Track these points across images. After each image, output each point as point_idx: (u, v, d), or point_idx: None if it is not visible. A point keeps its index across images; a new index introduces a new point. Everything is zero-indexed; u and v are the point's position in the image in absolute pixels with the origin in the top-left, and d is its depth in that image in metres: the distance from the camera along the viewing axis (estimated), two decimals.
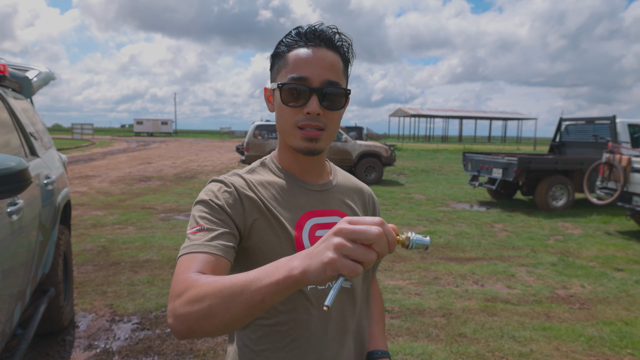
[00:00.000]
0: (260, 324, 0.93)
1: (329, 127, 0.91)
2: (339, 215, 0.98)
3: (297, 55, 0.89)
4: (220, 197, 0.89)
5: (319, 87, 0.88)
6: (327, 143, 0.93)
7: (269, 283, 0.63)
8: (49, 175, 2.92)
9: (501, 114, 58.76)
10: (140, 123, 58.41)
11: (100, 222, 6.69)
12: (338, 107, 0.91)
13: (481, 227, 7.00)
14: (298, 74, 0.88)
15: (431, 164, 19.02)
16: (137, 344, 3.03)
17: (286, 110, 0.90)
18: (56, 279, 2.90)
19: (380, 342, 1.07)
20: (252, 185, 0.94)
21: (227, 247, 0.82)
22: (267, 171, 0.99)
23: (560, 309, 3.80)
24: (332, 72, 0.89)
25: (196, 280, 0.70)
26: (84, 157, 19.45)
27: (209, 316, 0.66)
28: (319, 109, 0.88)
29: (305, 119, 0.89)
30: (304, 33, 0.91)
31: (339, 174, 1.07)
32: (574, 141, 9.88)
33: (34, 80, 3.65)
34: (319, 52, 0.89)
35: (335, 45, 0.91)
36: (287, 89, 0.89)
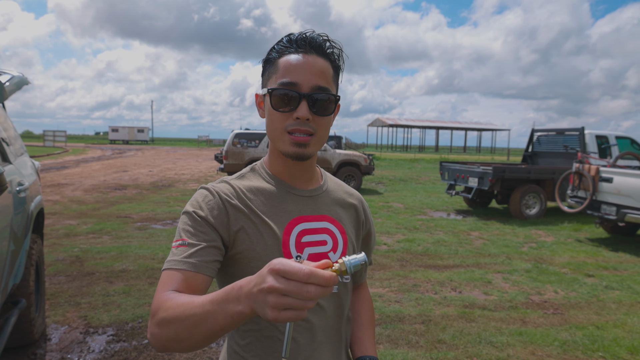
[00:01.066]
0: (249, 329, 0.93)
1: (319, 132, 0.92)
2: (328, 220, 0.99)
3: (288, 61, 0.90)
4: (205, 208, 0.90)
5: (309, 92, 0.89)
6: (316, 148, 0.93)
7: (224, 316, 0.66)
8: (21, 182, 2.84)
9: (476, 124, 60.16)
10: (116, 130, 57.26)
11: (74, 232, 6.50)
12: (327, 112, 0.92)
13: (458, 235, 7.12)
14: (288, 79, 0.89)
15: (409, 173, 19.27)
16: (112, 356, 2.95)
17: (276, 115, 0.91)
18: (27, 290, 2.81)
19: (369, 347, 1.06)
20: (239, 192, 0.94)
21: (207, 263, 0.85)
22: (257, 177, 1.00)
23: (535, 314, 3.89)
24: (322, 78, 0.90)
25: (166, 301, 0.76)
26: (56, 164, 18.90)
27: (176, 340, 0.72)
28: (308, 114, 0.88)
29: (294, 124, 0.89)
30: (294, 40, 0.92)
31: (329, 179, 1.08)
32: (545, 151, 10.20)
33: (7, 84, 3.55)
34: (309, 58, 0.90)
35: (325, 52, 0.92)
36: (277, 94, 0.90)
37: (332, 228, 0.98)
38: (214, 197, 0.92)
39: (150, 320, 0.77)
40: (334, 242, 0.98)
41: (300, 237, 0.94)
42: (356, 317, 1.11)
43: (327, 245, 0.97)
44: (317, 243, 0.96)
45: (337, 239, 0.98)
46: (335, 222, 1.00)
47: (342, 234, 0.99)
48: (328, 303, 0.96)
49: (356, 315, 1.11)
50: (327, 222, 0.98)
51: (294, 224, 0.95)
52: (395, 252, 5.89)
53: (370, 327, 1.10)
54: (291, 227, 0.94)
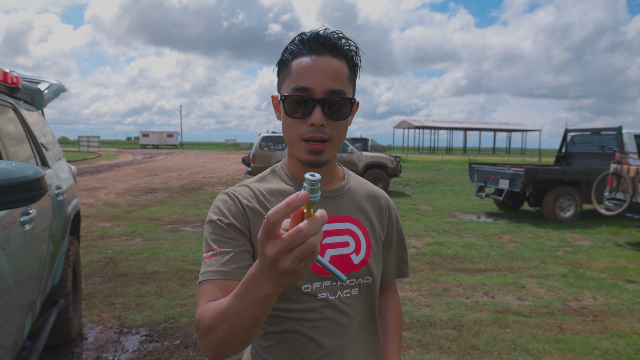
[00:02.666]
0: (270, 331, 0.93)
1: (334, 137, 0.89)
2: (350, 221, 0.96)
3: (300, 64, 0.87)
4: (227, 214, 0.90)
5: (323, 97, 0.86)
6: (332, 154, 0.91)
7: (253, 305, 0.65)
8: (59, 186, 2.93)
9: (505, 125, 58.75)
10: (146, 135, 58.85)
11: (108, 234, 6.69)
12: (343, 116, 0.88)
13: (489, 238, 6.95)
14: (301, 85, 0.86)
15: (437, 175, 18.98)
16: (145, 356, 3.00)
17: (291, 121, 0.89)
18: (65, 290, 2.90)
19: (394, 355, 1.04)
20: (259, 195, 0.94)
21: (241, 269, 0.85)
22: (277, 179, 0.99)
23: (573, 321, 3.74)
24: (336, 81, 0.86)
25: (203, 312, 0.77)
26: (90, 169, 19.57)
27: (222, 344, 0.73)
28: (323, 119, 0.86)
29: (309, 131, 0.87)
30: (307, 40, 0.88)
31: (353, 179, 1.05)
32: (580, 152, 9.84)
33: (46, 92, 3.69)
34: (322, 60, 0.86)
35: (340, 51, 0.88)
36: (291, 100, 0.87)
37: (354, 229, 0.96)
38: (234, 202, 0.92)
39: (198, 333, 0.78)
40: (357, 244, 0.95)
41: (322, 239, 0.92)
42: (382, 322, 1.08)
43: (349, 247, 0.94)
44: (338, 245, 0.93)
45: (360, 240, 0.96)
46: (358, 222, 0.97)
47: (364, 235, 0.97)
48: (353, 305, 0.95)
49: (382, 320, 1.09)
50: (349, 223, 0.96)
51: None
52: (424, 255, 5.79)
53: (396, 334, 1.07)
54: None
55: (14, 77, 2.82)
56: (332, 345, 0.91)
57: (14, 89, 2.78)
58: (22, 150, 2.53)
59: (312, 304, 0.91)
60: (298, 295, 0.91)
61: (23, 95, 3.06)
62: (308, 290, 0.90)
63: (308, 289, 0.90)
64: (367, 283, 0.97)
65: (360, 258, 0.95)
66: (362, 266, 0.95)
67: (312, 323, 0.91)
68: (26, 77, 3.71)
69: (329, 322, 0.91)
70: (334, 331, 0.92)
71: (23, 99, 3.07)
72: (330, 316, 0.92)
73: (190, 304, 3.91)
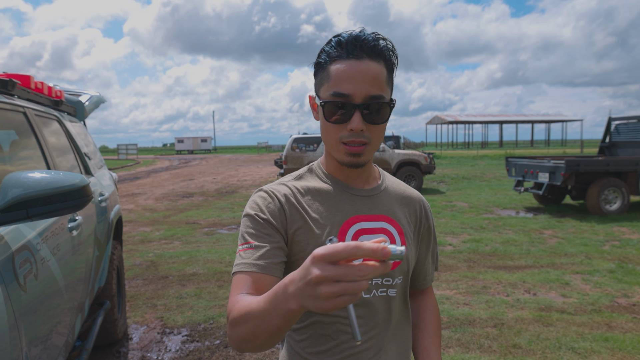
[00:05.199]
0: (303, 325, 0.95)
1: (373, 140, 0.90)
2: (386, 220, 0.97)
3: (339, 69, 0.87)
4: (265, 210, 0.91)
5: (362, 103, 0.86)
6: (370, 155, 0.93)
7: (277, 316, 0.66)
8: (102, 193, 3.07)
9: (544, 116, 56.68)
10: (181, 141, 60.52)
11: (148, 238, 6.93)
12: (382, 120, 0.89)
13: (529, 234, 6.72)
14: (340, 90, 0.86)
15: (472, 171, 18.53)
16: (187, 356, 3.09)
17: (330, 126, 0.89)
18: (111, 292, 3.03)
19: (435, 356, 1.03)
20: (296, 193, 0.95)
21: (274, 264, 0.87)
22: (314, 177, 1.00)
23: (622, 318, 3.57)
24: (375, 86, 0.86)
25: (235, 304, 0.79)
26: (129, 176, 20.32)
27: (245, 341, 0.75)
28: (362, 125, 0.86)
29: (349, 136, 0.88)
30: (345, 43, 0.87)
31: (388, 179, 1.06)
32: (626, 141, 9.36)
33: (87, 104, 3.87)
34: (360, 65, 0.86)
35: (378, 54, 0.87)
36: (330, 105, 0.88)
37: (390, 228, 0.96)
38: (272, 200, 0.93)
39: (227, 321, 0.81)
40: (392, 243, 0.95)
41: (357, 237, 0.93)
42: (420, 324, 1.08)
43: None
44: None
45: (395, 240, 0.96)
46: (393, 221, 0.97)
47: (400, 235, 0.97)
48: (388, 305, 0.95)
49: (420, 322, 1.08)
50: (385, 222, 0.96)
51: (350, 224, 0.94)
52: (461, 253, 5.67)
53: (435, 335, 1.07)
54: (347, 227, 0.93)
55: (57, 91, 2.98)
56: (365, 343, 0.92)
57: (58, 102, 2.94)
58: (66, 160, 2.66)
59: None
60: None
61: (66, 107, 3.23)
62: None
63: None
64: (399, 283, 0.98)
65: None
66: (397, 265, 0.96)
67: (345, 320, 0.92)
68: (68, 90, 3.91)
69: (361, 321, 0.92)
70: (367, 330, 0.93)
71: (66, 111, 3.23)
72: (364, 315, 0.92)
73: None
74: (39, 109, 2.41)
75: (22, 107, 2.13)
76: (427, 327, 1.07)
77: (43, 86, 2.67)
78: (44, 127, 2.38)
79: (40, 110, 2.42)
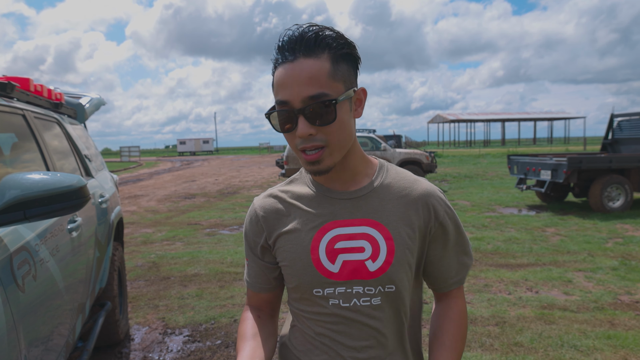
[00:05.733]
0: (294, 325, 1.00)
1: (331, 141, 0.84)
2: (370, 225, 0.90)
3: (278, 76, 0.84)
4: (248, 226, 0.99)
5: (301, 107, 0.81)
6: (335, 158, 0.86)
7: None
8: (102, 194, 3.08)
9: (546, 114, 56.52)
10: (183, 143, 60.63)
11: (150, 239, 6.95)
12: (329, 120, 0.82)
13: (532, 232, 6.70)
14: (279, 98, 0.84)
15: (474, 169, 18.50)
16: (188, 356, 3.10)
17: (286, 135, 0.87)
18: (112, 293, 3.03)
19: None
20: (280, 201, 0.97)
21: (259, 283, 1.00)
22: (301, 181, 0.99)
23: (625, 316, 3.55)
24: (313, 85, 0.80)
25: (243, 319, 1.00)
26: (132, 178, 20.38)
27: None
28: (309, 129, 0.82)
29: (301, 142, 0.84)
30: (280, 47, 0.84)
31: (389, 175, 0.96)
32: (628, 138, 9.32)
33: (87, 106, 3.88)
34: (294, 68, 0.81)
35: (312, 50, 0.82)
36: (275, 116, 0.85)
37: (374, 233, 0.89)
38: (253, 215, 0.99)
39: None
40: (374, 249, 0.89)
41: (334, 243, 0.89)
42: (438, 333, 0.97)
43: (364, 253, 0.89)
44: (352, 250, 0.89)
45: (379, 246, 0.89)
46: (379, 226, 0.89)
47: (387, 240, 0.89)
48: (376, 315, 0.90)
49: (438, 331, 0.97)
50: (367, 227, 0.89)
51: (326, 230, 0.90)
52: None
53: (453, 349, 0.93)
54: (323, 233, 0.90)
55: (57, 94, 2.99)
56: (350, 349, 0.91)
57: (58, 105, 2.95)
58: (67, 162, 2.67)
59: (324, 309, 0.91)
60: (310, 299, 0.92)
61: (66, 110, 3.24)
62: (319, 294, 0.91)
63: (319, 293, 0.91)
64: (391, 292, 0.90)
65: (377, 265, 0.89)
66: (380, 274, 0.89)
67: (328, 325, 0.92)
68: (69, 92, 3.92)
69: (345, 327, 0.90)
70: (354, 337, 0.90)
71: (67, 114, 3.24)
72: (347, 323, 0.90)
73: (229, 305, 4.00)
74: (38, 111, 2.42)
75: (22, 109, 2.14)
76: (444, 338, 0.95)
77: (42, 89, 2.68)
78: (44, 130, 2.39)
79: (40, 113, 2.43)
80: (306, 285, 0.91)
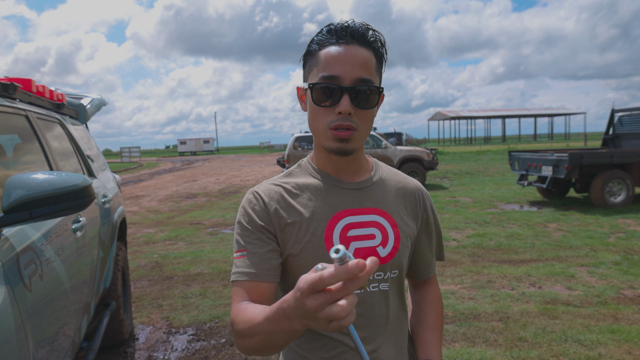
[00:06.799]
0: None
1: (361, 126, 0.88)
2: (377, 213, 0.95)
3: (328, 53, 0.87)
4: (252, 214, 0.93)
5: (351, 85, 0.85)
6: (359, 143, 0.91)
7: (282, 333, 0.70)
8: (105, 195, 3.08)
9: (547, 110, 56.44)
10: (184, 143, 60.66)
11: (152, 239, 6.96)
12: (371, 105, 0.88)
13: (534, 228, 6.70)
14: (329, 73, 0.86)
15: (475, 166, 18.48)
16: (193, 355, 3.11)
17: (318, 110, 0.89)
18: (116, 293, 3.04)
19: (434, 351, 1.00)
20: (283, 191, 0.95)
21: (267, 270, 0.89)
22: (303, 173, 0.99)
23: (628, 310, 3.55)
24: (365, 70, 0.86)
25: (237, 314, 0.83)
26: (133, 178, 20.39)
27: (254, 351, 0.79)
28: (351, 108, 0.85)
29: (337, 120, 0.86)
30: (335, 30, 0.88)
31: (383, 171, 1.03)
32: (629, 132, 9.30)
33: (88, 106, 3.88)
34: (350, 49, 0.86)
35: (367, 42, 0.88)
36: (318, 88, 0.87)
37: (382, 221, 0.94)
38: (257, 201, 0.94)
39: (232, 329, 0.85)
40: (384, 236, 0.94)
41: (346, 231, 0.92)
42: (421, 316, 1.05)
43: (375, 240, 0.93)
44: (364, 237, 0.92)
45: (388, 233, 0.94)
46: (386, 214, 0.95)
47: (393, 228, 0.95)
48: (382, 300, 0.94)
49: (421, 314, 1.06)
50: (376, 215, 0.94)
51: (338, 218, 0.92)
52: (465, 248, 5.66)
53: (436, 329, 1.03)
54: (335, 221, 0.92)
55: (59, 94, 3.00)
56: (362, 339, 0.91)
57: (59, 106, 2.95)
58: (69, 162, 2.68)
59: None
60: None
61: (68, 110, 3.24)
62: None
63: None
64: (394, 277, 0.96)
65: (387, 251, 0.94)
66: (389, 259, 0.94)
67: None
68: (70, 93, 3.92)
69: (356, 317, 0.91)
70: (361, 326, 0.91)
71: (68, 114, 3.25)
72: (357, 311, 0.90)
73: None
74: (41, 112, 2.43)
75: (24, 110, 2.14)
76: (427, 319, 1.04)
77: (44, 89, 2.68)
78: (46, 130, 2.39)
79: (42, 114, 2.43)
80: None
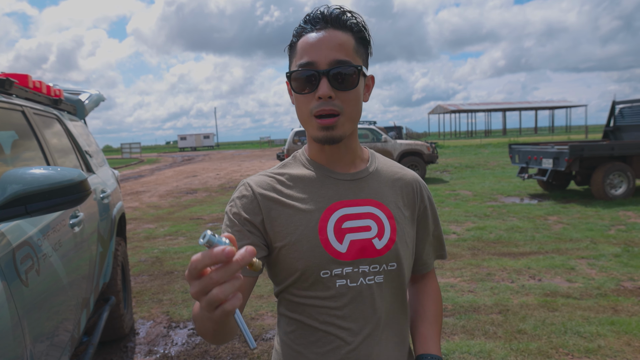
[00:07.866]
0: (292, 317, 0.94)
1: (346, 110, 0.86)
2: (373, 205, 0.93)
3: (305, 41, 0.87)
4: (239, 205, 0.91)
5: (327, 68, 0.84)
6: (347, 128, 0.88)
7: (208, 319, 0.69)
8: (104, 190, 3.08)
9: (547, 103, 56.28)
10: (184, 139, 60.60)
11: (153, 235, 6.97)
12: (351, 86, 0.86)
13: (534, 220, 6.70)
14: (305, 60, 0.86)
15: (476, 159, 18.46)
16: (194, 349, 3.12)
17: (300, 99, 0.88)
18: (116, 288, 3.05)
19: (432, 344, 0.98)
20: (276, 182, 0.94)
21: None
22: (297, 164, 0.98)
23: (628, 302, 3.56)
24: (341, 51, 0.85)
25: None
26: (133, 174, 20.39)
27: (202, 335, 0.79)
28: (330, 91, 0.84)
29: (318, 105, 0.85)
30: (310, 19, 0.89)
31: (379, 161, 1.02)
32: (630, 124, 9.27)
33: (86, 102, 3.87)
34: (325, 33, 0.86)
35: (343, 24, 0.87)
36: (296, 76, 0.87)
37: (378, 213, 0.93)
38: (248, 192, 0.92)
39: None
40: (380, 228, 0.92)
41: (341, 223, 0.90)
42: (420, 310, 1.04)
43: (371, 231, 0.91)
44: (359, 229, 0.91)
45: (384, 225, 0.92)
46: (382, 206, 0.93)
47: (389, 219, 0.93)
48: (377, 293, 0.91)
49: (420, 308, 1.04)
50: (372, 207, 0.93)
51: (333, 210, 0.91)
52: (465, 241, 5.66)
53: (435, 323, 1.02)
54: (330, 213, 0.90)
55: (56, 90, 2.98)
56: (355, 334, 0.89)
57: (57, 101, 2.94)
58: (68, 158, 2.67)
59: (330, 292, 0.89)
60: (316, 282, 0.89)
61: (66, 106, 3.23)
62: (326, 275, 0.89)
63: (326, 274, 0.89)
64: (392, 270, 0.93)
65: (383, 243, 0.92)
66: (385, 251, 0.92)
67: (332, 312, 0.89)
68: (68, 89, 3.91)
69: (349, 311, 0.89)
70: (356, 320, 0.90)
71: (66, 110, 3.24)
72: (351, 305, 0.89)
73: None
74: (38, 108, 2.42)
75: (21, 106, 2.13)
76: (426, 313, 1.03)
77: (41, 85, 2.67)
78: (44, 127, 2.38)
79: (39, 109, 2.42)
80: (314, 267, 0.88)
